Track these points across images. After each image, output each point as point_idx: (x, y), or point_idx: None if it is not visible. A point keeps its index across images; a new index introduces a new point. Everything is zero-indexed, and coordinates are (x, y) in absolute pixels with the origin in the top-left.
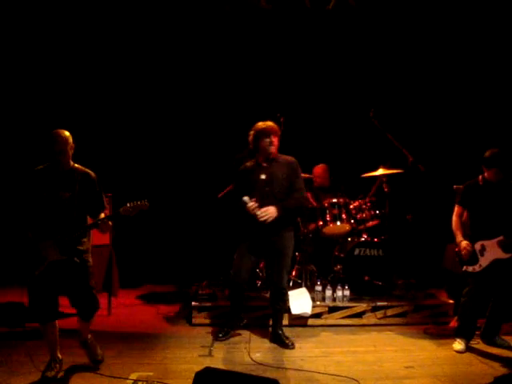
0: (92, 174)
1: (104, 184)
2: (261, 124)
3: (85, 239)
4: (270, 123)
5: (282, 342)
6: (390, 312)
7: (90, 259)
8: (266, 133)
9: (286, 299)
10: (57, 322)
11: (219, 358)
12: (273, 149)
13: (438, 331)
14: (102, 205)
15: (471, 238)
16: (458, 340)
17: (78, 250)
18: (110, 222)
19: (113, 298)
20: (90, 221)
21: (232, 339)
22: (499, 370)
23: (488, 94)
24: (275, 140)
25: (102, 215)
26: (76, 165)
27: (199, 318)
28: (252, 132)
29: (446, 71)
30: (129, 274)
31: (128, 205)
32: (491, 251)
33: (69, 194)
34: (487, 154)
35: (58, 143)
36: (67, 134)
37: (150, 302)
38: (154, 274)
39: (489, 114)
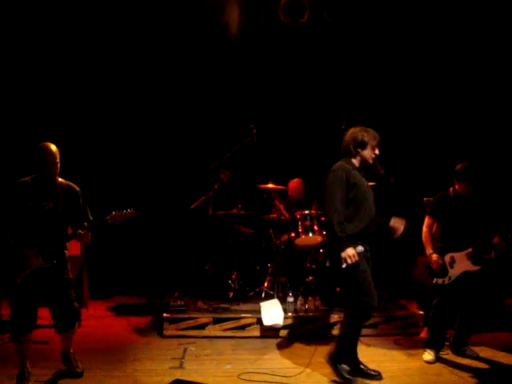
0: (76, 187)
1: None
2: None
3: (66, 250)
4: None
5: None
6: None
7: (69, 271)
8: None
9: None
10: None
11: (191, 370)
12: None
13: (408, 342)
14: (86, 217)
15: (441, 249)
16: (427, 351)
17: (61, 260)
18: (89, 233)
19: (83, 310)
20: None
21: (203, 351)
22: (468, 380)
23: (457, 108)
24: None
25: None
26: (60, 178)
27: (171, 330)
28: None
29: (416, 86)
30: (99, 286)
31: (114, 213)
32: (461, 263)
33: (53, 204)
34: (458, 167)
35: (49, 154)
36: (55, 147)
37: (120, 314)
38: (125, 285)
39: (458, 128)
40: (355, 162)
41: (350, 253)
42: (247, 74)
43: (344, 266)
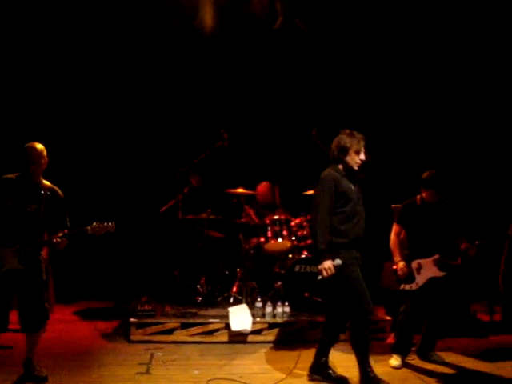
0: (59, 191)
1: None
2: None
3: (42, 252)
4: None
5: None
6: None
7: (44, 273)
8: None
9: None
10: None
11: (157, 376)
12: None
13: (375, 347)
14: (64, 224)
15: (408, 256)
16: (394, 356)
17: (36, 262)
18: (66, 240)
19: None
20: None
21: (171, 356)
22: None
23: (423, 116)
24: None
25: (60, 234)
26: (45, 181)
27: (138, 335)
28: None
29: (385, 94)
30: (65, 290)
31: (95, 224)
32: (427, 270)
33: (35, 207)
34: (425, 175)
35: (33, 154)
36: (42, 146)
37: (86, 318)
38: (92, 289)
39: (425, 136)
40: (341, 168)
41: (326, 266)
42: (219, 79)
43: (319, 277)
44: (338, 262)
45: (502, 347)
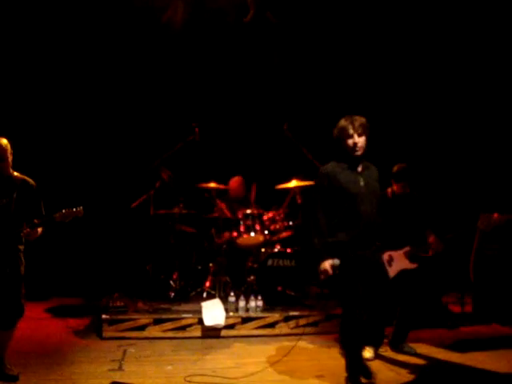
0: (31, 181)
1: None
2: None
3: (21, 246)
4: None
5: None
6: (302, 321)
7: (22, 267)
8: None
9: None
10: None
11: (130, 372)
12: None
13: None
14: (39, 213)
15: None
16: (367, 348)
17: (14, 256)
18: (40, 229)
19: None
20: None
21: (144, 352)
22: (406, 376)
23: (394, 109)
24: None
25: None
26: (15, 172)
27: (110, 332)
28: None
29: (357, 87)
30: (36, 286)
31: (64, 211)
32: (398, 262)
33: (6, 201)
34: (395, 168)
35: None
36: (6, 141)
37: (58, 315)
38: (63, 286)
39: (397, 127)
40: (345, 159)
41: (322, 267)
42: (190, 73)
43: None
44: (336, 262)
45: (472, 338)
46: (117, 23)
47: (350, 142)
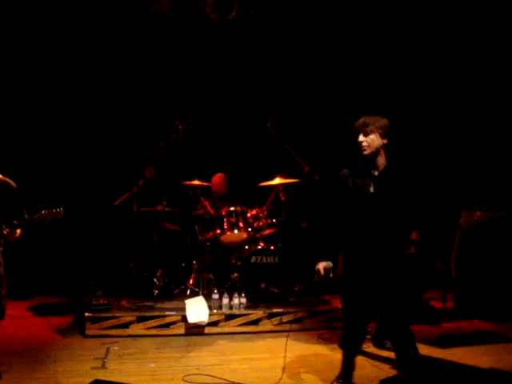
0: (12, 183)
1: None
2: None
3: (0, 247)
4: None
5: None
6: (285, 318)
7: (2, 268)
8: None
9: None
10: None
11: (113, 370)
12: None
13: (332, 336)
14: (21, 215)
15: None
16: None
17: None
18: (19, 231)
19: None
20: None
21: (127, 350)
22: (388, 371)
23: (380, 106)
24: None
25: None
26: None
27: (93, 330)
28: None
29: (340, 83)
30: (18, 285)
31: (43, 212)
32: None
33: None
34: None
35: None
36: None
37: (41, 314)
38: (46, 284)
39: None
40: (362, 161)
41: (316, 268)
42: (173, 70)
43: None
44: (329, 264)
45: (454, 333)
46: (101, 19)
47: (359, 139)
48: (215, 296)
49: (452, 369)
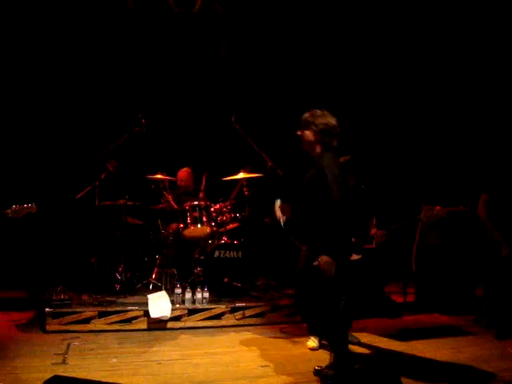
0: None
1: None
2: None
3: None
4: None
5: None
6: (248, 313)
7: None
8: None
9: None
10: None
11: (74, 366)
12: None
13: (294, 329)
14: None
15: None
16: (311, 338)
17: None
18: None
19: None
20: None
21: (88, 345)
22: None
23: (343, 101)
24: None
25: None
26: None
27: (54, 325)
28: None
29: (304, 78)
30: None
31: (14, 207)
32: None
33: None
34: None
35: None
36: None
37: (0, 309)
38: (5, 278)
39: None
40: None
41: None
42: (136, 63)
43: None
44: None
45: (414, 327)
46: (60, 9)
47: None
48: (178, 290)
49: (412, 361)
